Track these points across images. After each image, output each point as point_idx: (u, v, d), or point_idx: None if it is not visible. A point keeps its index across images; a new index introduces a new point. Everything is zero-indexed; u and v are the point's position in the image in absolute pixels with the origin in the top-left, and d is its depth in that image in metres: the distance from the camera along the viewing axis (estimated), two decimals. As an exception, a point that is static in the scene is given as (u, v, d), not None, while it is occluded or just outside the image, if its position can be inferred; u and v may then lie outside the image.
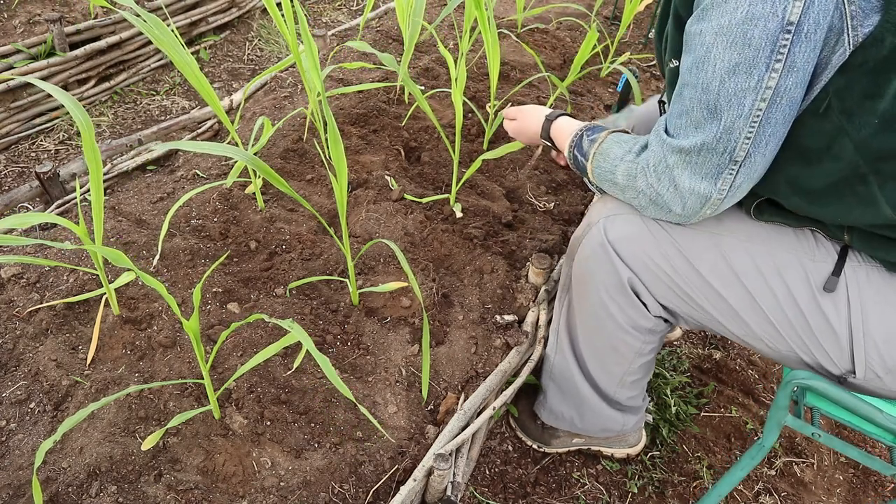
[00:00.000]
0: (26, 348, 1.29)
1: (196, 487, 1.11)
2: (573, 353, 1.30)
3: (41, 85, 0.99)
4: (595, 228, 1.12)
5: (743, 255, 1.02)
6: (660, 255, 1.06)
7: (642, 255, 1.08)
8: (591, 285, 1.16)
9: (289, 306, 1.44)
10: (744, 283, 1.02)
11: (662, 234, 1.06)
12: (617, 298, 1.14)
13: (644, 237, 1.07)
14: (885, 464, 1.06)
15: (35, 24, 2.35)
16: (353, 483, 1.18)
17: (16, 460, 1.13)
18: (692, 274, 1.05)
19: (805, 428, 1.09)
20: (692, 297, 1.07)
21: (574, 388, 1.32)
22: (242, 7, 3.06)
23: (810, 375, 1.01)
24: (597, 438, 1.43)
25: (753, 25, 0.81)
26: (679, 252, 1.05)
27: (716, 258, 1.03)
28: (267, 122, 1.69)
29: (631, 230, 1.08)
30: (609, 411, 1.33)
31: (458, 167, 1.74)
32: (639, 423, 1.41)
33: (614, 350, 1.22)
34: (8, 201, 1.78)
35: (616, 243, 1.10)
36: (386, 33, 2.59)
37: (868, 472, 1.59)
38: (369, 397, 1.31)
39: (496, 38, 1.60)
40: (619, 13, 2.93)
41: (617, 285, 1.12)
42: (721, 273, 1.03)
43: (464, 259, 1.63)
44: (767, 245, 1.01)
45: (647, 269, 1.08)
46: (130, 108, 2.53)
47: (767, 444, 1.13)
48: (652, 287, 1.10)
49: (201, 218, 1.62)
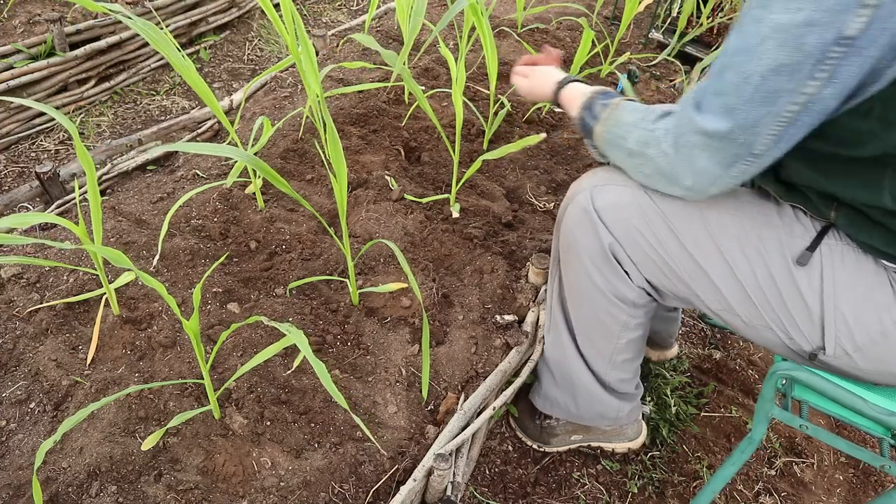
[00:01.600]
0: (26, 348, 1.29)
1: (196, 487, 1.11)
2: (566, 327, 1.30)
3: (14, 101, 0.99)
4: (581, 195, 1.15)
5: (727, 229, 1.04)
6: (644, 225, 1.08)
7: (626, 224, 1.10)
8: (574, 253, 1.18)
9: (289, 306, 1.44)
10: (724, 257, 1.04)
11: (649, 205, 1.08)
12: (600, 266, 1.15)
13: (630, 206, 1.09)
14: (874, 454, 1.06)
15: (35, 24, 2.35)
16: (353, 483, 1.18)
17: (16, 460, 1.13)
18: (675, 245, 1.07)
19: (793, 420, 1.10)
20: (673, 268, 1.09)
21: (567, 370, 1.32)
22: (242, 7, 3.06)
23: (794, 366, 1.03)
24: (595, 433, 1.43)
25: (810, 31, 0.79)
26: (664, 223, 1.07)
27: (699, 231, 1.05)
28: (267, 122, 1.69)
29: (618, 199, 1.10)
30: (602, 394, 1.32)
31: (458, 167, 1.75)
32: (635, 414, 1.41)
33: (601, 323, 1.22)
34: (8, 201, 1.78)
35: (601, 211, 1.12)
36: (386, 33, 2.59)
37: (868, 472, 1.59)
38: (369, 397, 1.31)
39: (493, 42, 1.60)
40: (619, 13, 2.94)
41: (599, 252, 1.14)
42: (703, 246, 1.05)
43: (464, 259, 1.63)
44: (751, 220, 1.03)
45: (630, 238, 1.10)
46: (130, 108, 2.53)
47: (756, 437, 1.14)
48: (634, 256, 1.12)
49: (201, 218, 1.62)
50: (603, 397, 1.33)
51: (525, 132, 2.11)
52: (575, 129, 1.23)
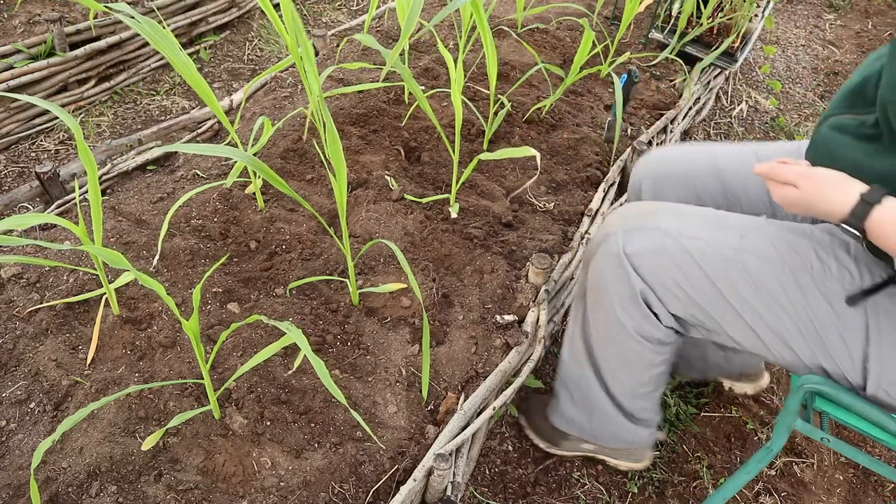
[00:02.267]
0: (26, 348, 1.29)
1: (196, 487, 1.11)
2: (589, 360, 1.28)
3: (21, 97, 0.99)
4: (612, 238, 1.12)
5: (765, 273, 1.01)
6: (678, 272, 1.06)
7: (659, 270, 1.07)
8: (604, 295, 1.16)
9: (289, 306, 1.44)
10: (763, 301, 1.02)
11: (682, 252, 1.06)
12: (629, 309, 1.13)
13: (663, 254, 1.07)
14: (894, 470, 1.06)
15: (35, 24, 2.35)
16: (353, 483, 1.18)
17: (16, 460, 1.13)
18: (711, 291, 1.05)
19: (814, 432, 1.09)
20: (708, 312, 1.07)
21: (588, 395, 1.31)
22: (242, 7, 3.06)
23: (822, 381, 1.01)
24: (606, 448, 1.41)
25: None
26: (699, 269, 1.05)
27: (737, 277, 1.03)
28: (267, 122, 1.69)
29: (650, 245, 1.08)
30: (622, 419, 1.32)
31: (458, 167, 1.74)
32: (649, 440, 1.39)
33: (626, 361, 1.21)
34: (8, 201, 1.78)
35: (633, 256, 1.09)
36: (386, 33, 2.59)
37: (868, 472, 1.59)
38: (369, 397, 1.31)
39: (491, 40, 1.59)
40: (619, 13, 2.93)
41: (630, 297, 1.12)
42: (740, 292, 1.03)
43: (464, 259, 1.63)
44: (791, 260, 1.01)
45: (663, 285, 1.08)
46: (130, 108, 2.53)
47: (776, 447, 1.12)
48: (666, 301, 1.10)
49: (201, 218, 1.62)
50: (622, 422, 1.32)
51: (525, 132, 2.11)
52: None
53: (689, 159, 1.32)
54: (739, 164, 1.27)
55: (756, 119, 3.00)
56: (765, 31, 3.71)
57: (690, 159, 1.31)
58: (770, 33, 3.75)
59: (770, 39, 3.71)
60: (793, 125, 3.00)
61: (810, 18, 4.00)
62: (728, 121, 2.94)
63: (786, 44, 3.69)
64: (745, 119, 2.98)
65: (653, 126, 2.27)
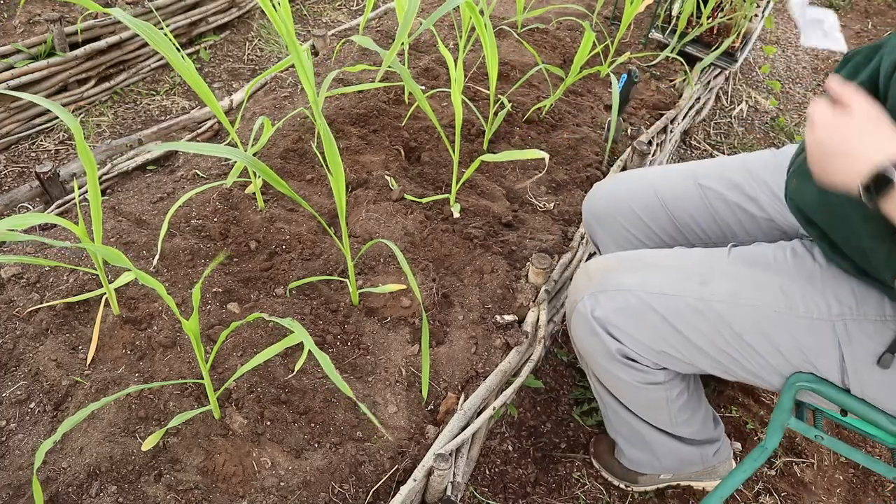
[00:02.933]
0: (26, 348, 1.29)
1: (196, 487, 1.11)
2: (623, 407, 1.27)
3: (23, 96, 0.99)
4: (580, 305, 1.14)
5: (731, 318, 1.02)
6: (647, 327, 1.08)
7: (629, 329, 1.09)
8: (591, 358, 1.19)
9: (289, 306, 1.44)
10: (732, 345, 1.03)
11: (647, 308, 1.07)
12: (617, 367, 1.15)
13: (629, 312, 1.08)
14: (889, 467, 1.06)
15: (35, 24, 2.35)
16: (353, 483, 1.18)
17: (16, 460, 1.13)
18: (681, 342, 1.07)
19: (808, 431, 1.09)
20: (682, 360, 1.09)
21: (642, 436, 1.30)
22: (242, 7, 3.06)
23: (814, 379, 1.01)
24: (685, 472, 1.39)
25: None
26: (666, 323, 1.06)
27: (704, 326, 1.04)
28: (267, 122, 1.69)
29: (615, 306, 1.09)
30: (682, 447, 1.30)
31: (458, 167, 1.74)
32: (724, 454, 1.37)
33: (646, 405, 1.22)
34: (8, 201, 1.78)
35: (601, 320, 1.11)
36: (386, 33, 2.59)
37: (868, 472, 1.59)
38: (369, 397, 1.31)
39: (493, 40, 1.59)
40: (619, 13, 2.93)
41: (611, 356, 1.13)
42: (710, 338, 1.04)
43: (464, 259, 1.63)
44: (757, 299, 1.01)
45: (636, 341, 1.10)
46: (130, 108, 2.53)
47: (770, 446, 1.13)
48: (643, 354, 1.11)
49: (201, 218, 1.62)
50: (682, 450, 1.31)
51: (525, 132, 2.11)
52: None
53: (630, 193, 1.32)
54: (678, 193, 1.27)
55: (756, 119, 3.00)
56: (765, 31, 3.71)
57: (632, 193, 1.32)
58: (770, 33, 3.75)
59: (770, 39, 3.71)
60: (793, 125, 3.00)
61: (810, 18, 4.00)
62: (728, 121, 2.94)
63: (786, 44, 3.69)
64: (745, 119, 2.98)
65: (653, 126, 2.27)
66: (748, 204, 1.21)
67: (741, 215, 1.22)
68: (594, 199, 1.39)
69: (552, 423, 1.58)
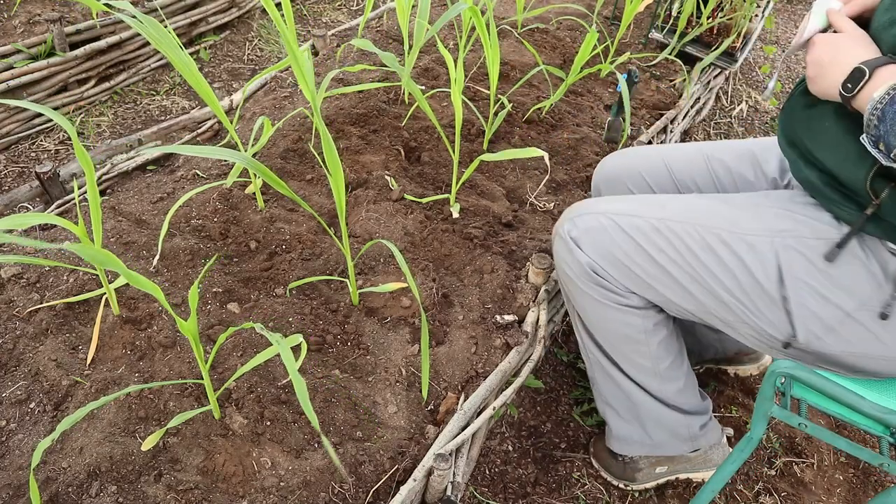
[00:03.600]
0: (26, 348, 1.29)
1: (196, 487, 1.11)
2: (604, 355, 1.31)
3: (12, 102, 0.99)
4: (561, 228, 1.24)
5: (686, 235, 1.11)
6: (614, 245, 1.17)
7: (599, 246, 1.19)
8: (568, 280, 1.26)
9: (289, 306, 1.44)
10: (688, 262, 1.11)
11: (614, 228, 1.17)
12: (589, 284, 1.22)
13: (600, 230, 1.18)
14: (873, 453, 1.06)
15: (35, 24, 2.35)
16: (353, 483, 1.18)
17: (16, 460, 1.13)
18: (644, 258, 1.15)
19: (791, 418, 1.10)
20: (645, 280, 1.17)
21: (627, 399, 1.32)
22: (242, 7, 3.06)
23: (793, 365, 1.04)
24: (680, 463, 1.39)
25: None
26: (630, 240, 1.16)
27: (662, 242, 1.13)
28: (267, 122, 1.69)
29: (588, 225, 1.20)
30: (666, 412, 1.31)
31: (458, 167, 1.75)
32: (713, 434, 1.38)
33: (624, 336, 1.25)
34: (8, 201, 1.78)
35: (577, 239, 1.21)
36: (386, 33, 2.59)
37: (868, 471, 1.59)
38: (369, 397, 1.31)
39: (496, 39, 1.60)
40: (619, 13, 2.93)
41: (584, 273, 1.21)
42: (669, 255, 1.13)
43: (464, 259, 1.63)
44: (708, 221, 1.11)
45: (605, 258, 1.19)
46: (130, 108, 2.53)
47: (755, 436, 1.14)
48: (612, 272, 1.20)
49: (201, 218, 1.62)
50: (668, 415, 1.32)
51: (525, 132, 2.11)
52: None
53: (640, 160, 1.43)
54: (685, 160, 1.38)
55: (756, 119, 3.00)
56: (765, 31, 3.71)
57: (642, 160, 1.43)
58: (770, 33, 3.75)
59: (770, 39, 3.71)
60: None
61: (810, 18, 4.00)
62: (728, 121, 2.94)
63: (786, 44, 3.69)
64: (745, 119, 2.98)
65: (653, 126, 2.27)
66: (748, 171, 1.32)
67: (740, 182, 1.33)
68: (606, 164, 1.49)
69: (552, 423, 1.58)
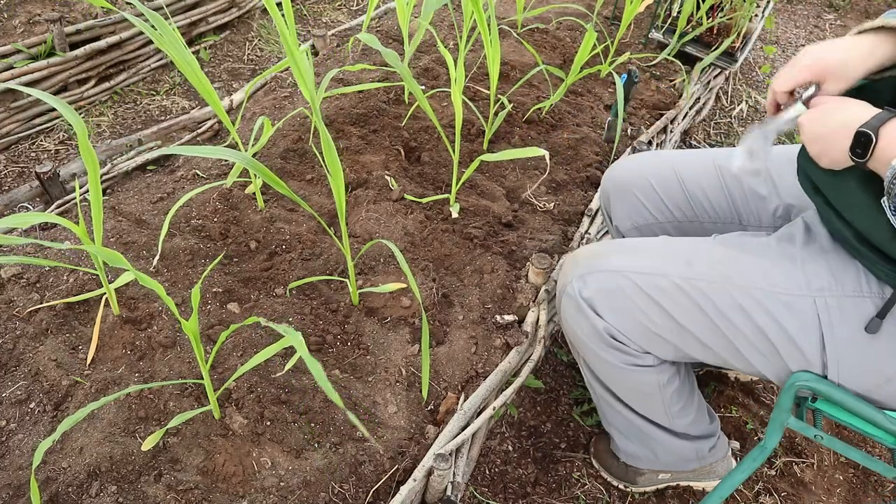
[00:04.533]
0: (26, 348, 1.29)
1: (196, 487, 1.11)
2: (614, 397, 1.28)
3: (31, 91, 0.99)
4: (569, 287, 1.16)
5: (714, 296, 1.04)
6: (633, 306, 1.10)
7: (616, 308, 1.11)
8: (580, 341, 1.20)
9: (289, 306, 1.44)
10: (714, 323, 1.05)
11: (633, 288, 1.09)
12: (605, 348, 1.16)
13: (617, 291, 1.10)
14: (888, 466, 1.06)
15: (35, 24, 2.35)
16: (353, 483, 1.18)
17: (16, 460, 1.13)
18: (665, 320, 1.08)
19: (807, 430, 1.09)
20: (667, 339, 1.11)
21: (635, 428, 1.30)
22: (242, 7, 3.06)
23: (814, 378, 1.01)
24: (683, 472, 1.38)
25: None
26: (651, 301, 1.08)
27: (687, 303, 1.06)
28: (267, 122, 1.69)
29: (603, 285, 1.12)
30: (676, 441, 1.30)
31: (458, 167, 1.75)
32: (721, 451, 1.37)
33: (638, 391, 1.22)
34: (8, 201, 1.78)
35: (590, 300, 1.13)
36: (386, 33, 2.59)
37: (868, 471, 1.59)
38: (369, 397, 1.31)
39: (496, 38, 1.59)
40: (619, 13, 2.93)
41: (599, 337, 1.15)
42: (693, 317, 1.06)
43: (464, 259, 1.63)
44: (740, 280, 1.03)
45: (622, 321, 1.12)
46: (130, 108, 2.53)
47: (769, 446, 1.13)
48: (629, 335, 1.13)
49: (201, 218, 1.62)
50: (677, 444, 1.30)
51: (525, 132, 2.11)
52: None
53: (650, 167, 1.36)
54: (697, 170, 1.30)
55: (756, 119, 3.00)
56: (765, 31, 3.71)
57: (652, 167, 1.36)
58: (770, 33, 3.75)
59: (770, 39, 3.71)
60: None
61: (810, 18, 4.00)
62: (728, 121, 2.94)
63: (786, 44, 3.69)
64: (745, 119, 2.98)
65: (653, 126, 2.27)
66: (761, 186, 1.24)
67: (751, 197, 1.26)
68: (615, 170, 1.43)
69: (552, 423, 1.58)
